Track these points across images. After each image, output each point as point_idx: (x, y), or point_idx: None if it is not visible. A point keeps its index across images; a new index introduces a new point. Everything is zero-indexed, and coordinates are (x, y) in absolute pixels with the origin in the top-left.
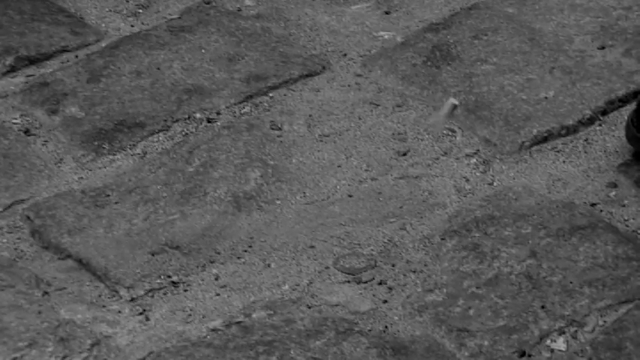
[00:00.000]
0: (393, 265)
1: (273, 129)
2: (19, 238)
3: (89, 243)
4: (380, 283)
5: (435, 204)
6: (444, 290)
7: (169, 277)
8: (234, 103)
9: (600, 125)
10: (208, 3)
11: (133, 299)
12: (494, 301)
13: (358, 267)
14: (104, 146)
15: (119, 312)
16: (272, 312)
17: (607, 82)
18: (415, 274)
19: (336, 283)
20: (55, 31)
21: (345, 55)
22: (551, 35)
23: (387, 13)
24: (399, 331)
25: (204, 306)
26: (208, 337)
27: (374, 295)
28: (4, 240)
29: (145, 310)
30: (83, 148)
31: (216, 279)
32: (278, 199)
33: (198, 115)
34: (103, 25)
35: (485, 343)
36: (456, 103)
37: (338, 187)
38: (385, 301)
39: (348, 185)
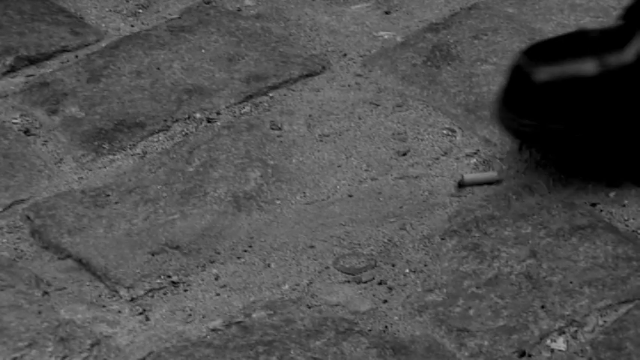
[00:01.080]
0: (393, 265)
1: (273, 129)
2: (19, 238)
3: (89, 243)
4: (380, 283)
5: (435, 204)
6: (444, 290)
7: (169, 277)
8: (234, 103)
9: None
10: (208, 3)
11: (133, 299)
12: (494, 301)
13: (358, 267)
14: (104, 146)
15: (119, 312)
16: (272, 312)
17: None
18: (415, 274)
19: (336, 283)
20: (55, 31)
21: (345, 55)
22: (551, 35)
23: (387, 13)
24: (399, 331)
25: (204, 306)
26: (208, 337)
27: (374, 295)
28: (4, 240)
29: (145, 310)
30: (83, 148)
31: (216, 279)
32: (278, 199)
33: (198, 115)
34: (103, 25)
35: (485, 343)
36: (500, 178)
37: (338, 187)
38: (385, 301)
39: (348, 185)
